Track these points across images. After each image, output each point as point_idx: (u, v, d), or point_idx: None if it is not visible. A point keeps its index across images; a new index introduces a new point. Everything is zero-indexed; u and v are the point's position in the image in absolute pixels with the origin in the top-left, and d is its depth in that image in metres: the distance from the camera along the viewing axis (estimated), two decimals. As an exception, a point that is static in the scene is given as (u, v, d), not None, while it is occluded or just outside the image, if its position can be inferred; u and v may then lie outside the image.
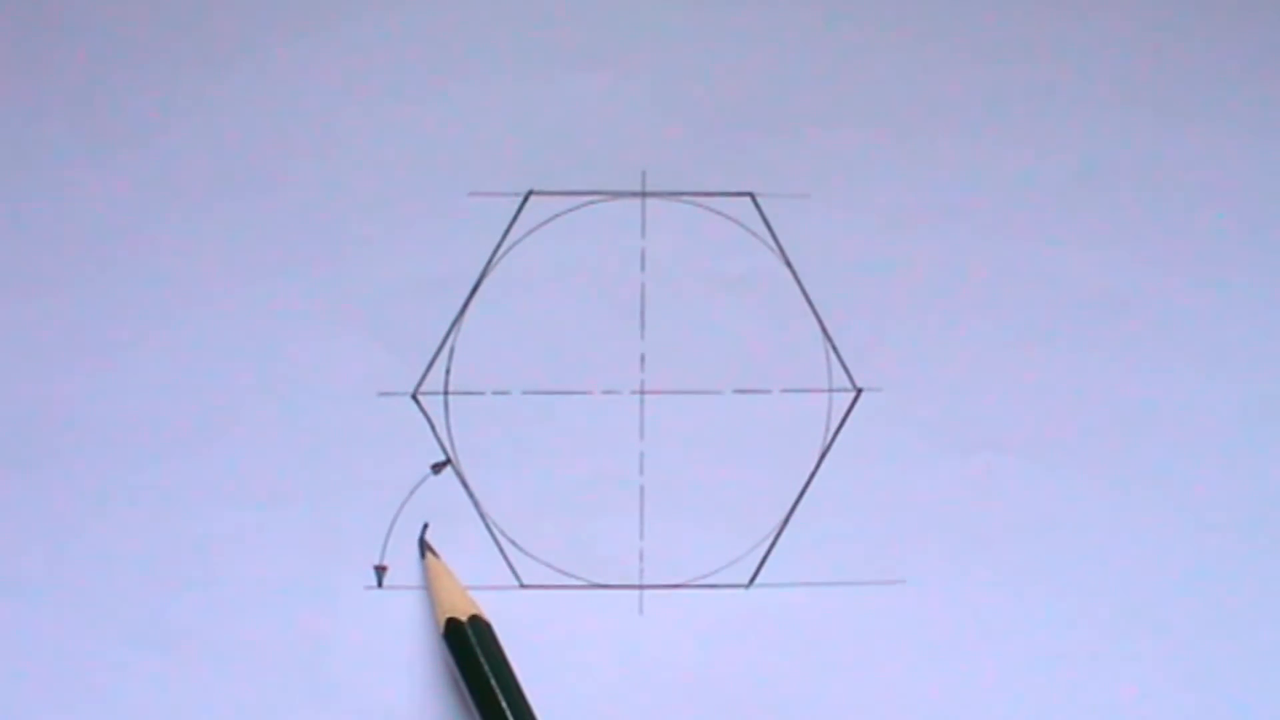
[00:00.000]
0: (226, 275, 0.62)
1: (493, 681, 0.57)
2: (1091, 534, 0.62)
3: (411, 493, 0.61)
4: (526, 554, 0.61)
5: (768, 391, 0.62)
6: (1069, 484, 0.62)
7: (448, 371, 0.61)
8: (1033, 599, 0.62)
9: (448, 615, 0.56)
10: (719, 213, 0.62)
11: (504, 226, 0.62)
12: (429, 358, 0.61)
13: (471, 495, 0.61)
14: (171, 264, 0.61)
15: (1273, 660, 0.61)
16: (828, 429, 0.62)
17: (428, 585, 0.58)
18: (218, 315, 0.61)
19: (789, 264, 0.62)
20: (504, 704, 0.57)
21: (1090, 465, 0.62)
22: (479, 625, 0.58)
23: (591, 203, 0.62)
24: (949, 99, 0.63)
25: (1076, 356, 0.62)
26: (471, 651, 0.57)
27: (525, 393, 0.61)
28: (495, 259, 0.62)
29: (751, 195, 0.62)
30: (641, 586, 0.61)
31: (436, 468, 0.61)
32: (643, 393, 0.61)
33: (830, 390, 0.62)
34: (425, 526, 0.61)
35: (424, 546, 0.59)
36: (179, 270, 0.61)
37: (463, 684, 0.57)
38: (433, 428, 0.61)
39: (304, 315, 0.61)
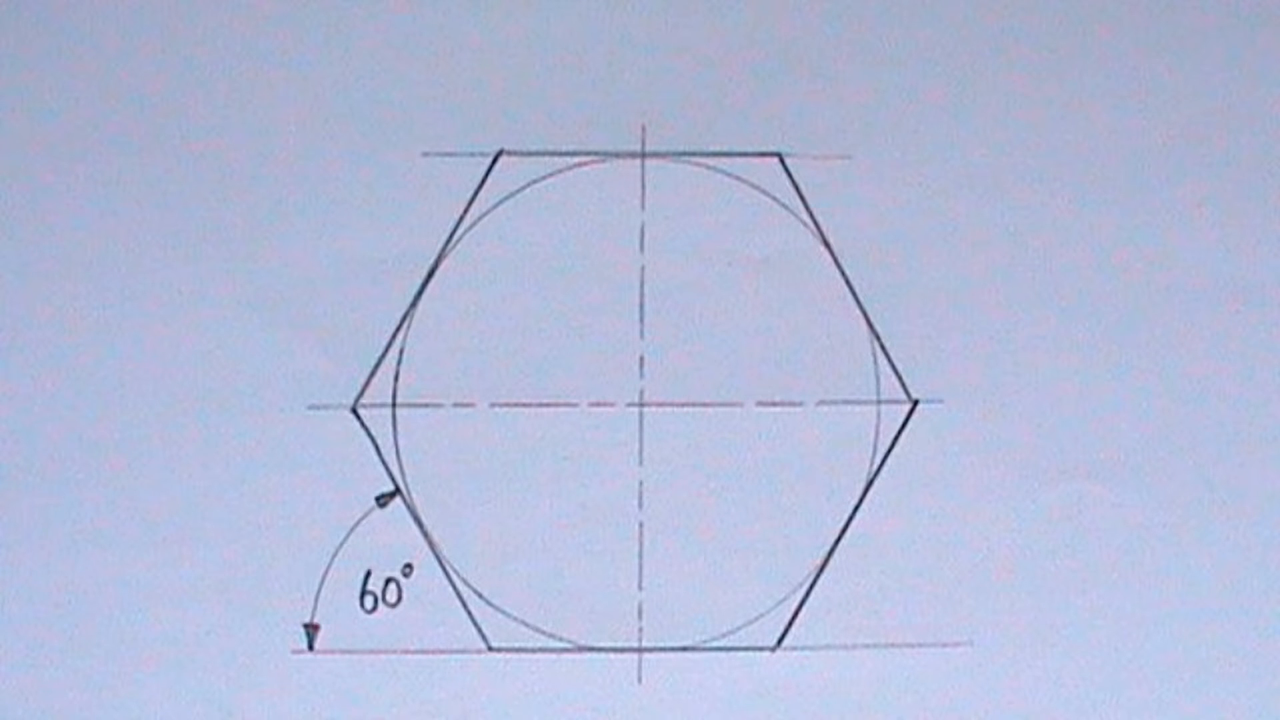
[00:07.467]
0: (117, 258, 0.60)
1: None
2: (1209, 585, 0.60)
3: (350, 531, 0.59)
4: (496, 609, 0.60)
5: (800, 404, 0.60)
6: (1181, 521, 0.60)
7: (396, 379, 0.60)
8: (1132, 668, 0.60)
9: None
10: (738, 178, 0.61)
11: (468, 195, 0.60)
12: (373, 361, 0.60)
13: (426, 535, 0.60)
14: (47, 240, 0.60)
15: None
16: (875, 451, 0.60)
17: None
18: (106, 309, 0.60)
19: (826, 243, 0.61)
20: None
21: (1209, 498, 0.60)
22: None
23: (577, 165, 0.61)
24: (1026, 34, 0.61)
25: (1191, 360, 0.61)
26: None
27: (494, 405, 0.60)
28: (456, 237, 0.60)
29: (779, 156, 0.61)
30: (641, 650, 0.59)
31: (382, 500, 0.59)
32: (642, 405, 0.60)
33: (879, 402, 0.60)
34: (368, 575, 0.60)
35: None
36: (57, 248, 0.60)
37: None
38: (377, 449, 0.60)
39: (215, 308, 0.60)
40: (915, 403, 0.60)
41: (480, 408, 0.60)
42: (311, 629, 0.59)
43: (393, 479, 0.59)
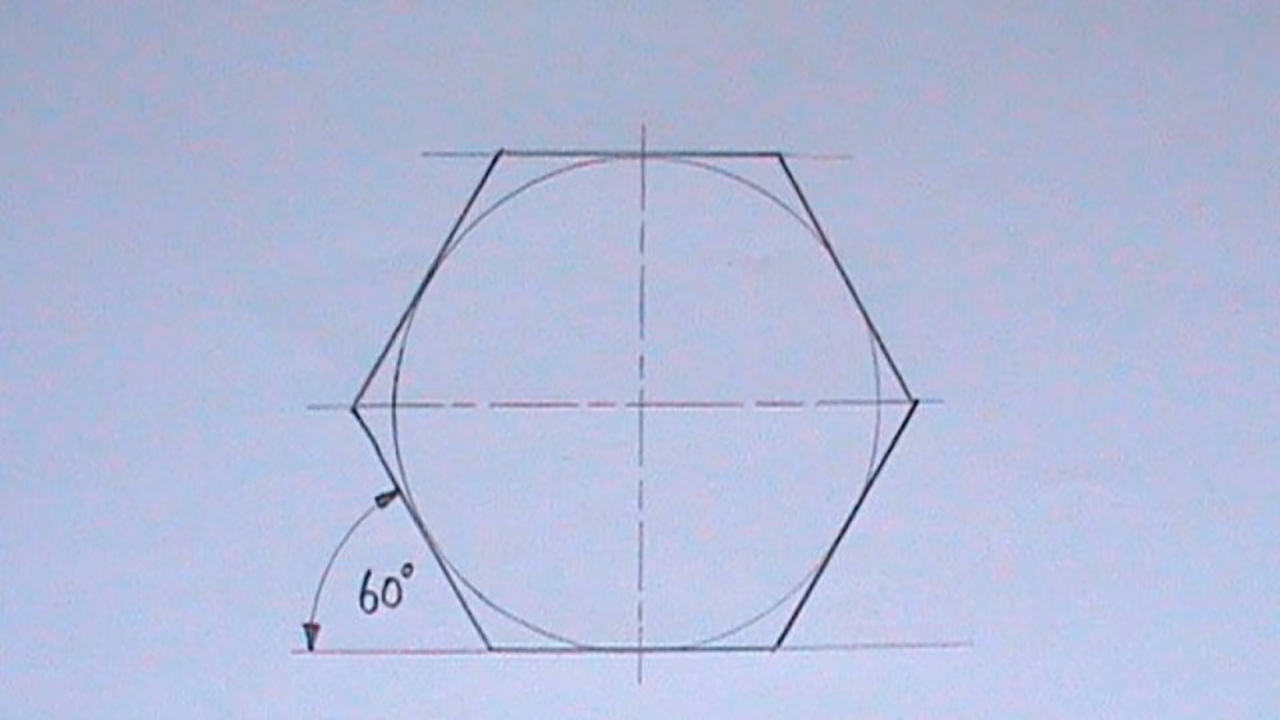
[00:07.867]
0: (117, 258, 0.60)
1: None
2: (1209, 585, 0.60)
3: (350, 531, 0.59)
4: (496, 609, 0.60)
5: (800, 404, 0.60)
6: (1181, 521, 0.60)
7: (396, 378, 0.60)
8: (1132, 668, 0.60)
9: None
10: (738, 178, 0.61)
11: (468, 195, 0.60)
12: (373, 361, 0.60)
13: (426, 535, 0.60)
14: (47, 240, 0.60)
15: None
16: (875, 451, 0.60)
17: None
18: (106, 309, 0.60)
19: (826, 243, 0.61)
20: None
21: (1209, 498, 0.60)
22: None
23: (577, 165, 0.61)
24: (1026, 34, 0.61)
25: (1191, 360, 0.61)
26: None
27: (494, 405, 0.60)
28: (456, 237, 0.60)
29: (779, 156, 0.61)
30: (641, 650, 0.59)
31: (382, 500, 0.59)
32: (642, 405, 0.60)
33: (879, 402, 0.60)
34: (368, 575, 0.59)
35: None
36: (57, 248, 0.60)
37: None
38: (377, 449, 0.60)
39: (215, 308, 0.60)
40: (915, 403, 0.60)
41: (480, 408, 0.60)
42: (311, 629, 0.58)
43: (393, 479, 0.59)
